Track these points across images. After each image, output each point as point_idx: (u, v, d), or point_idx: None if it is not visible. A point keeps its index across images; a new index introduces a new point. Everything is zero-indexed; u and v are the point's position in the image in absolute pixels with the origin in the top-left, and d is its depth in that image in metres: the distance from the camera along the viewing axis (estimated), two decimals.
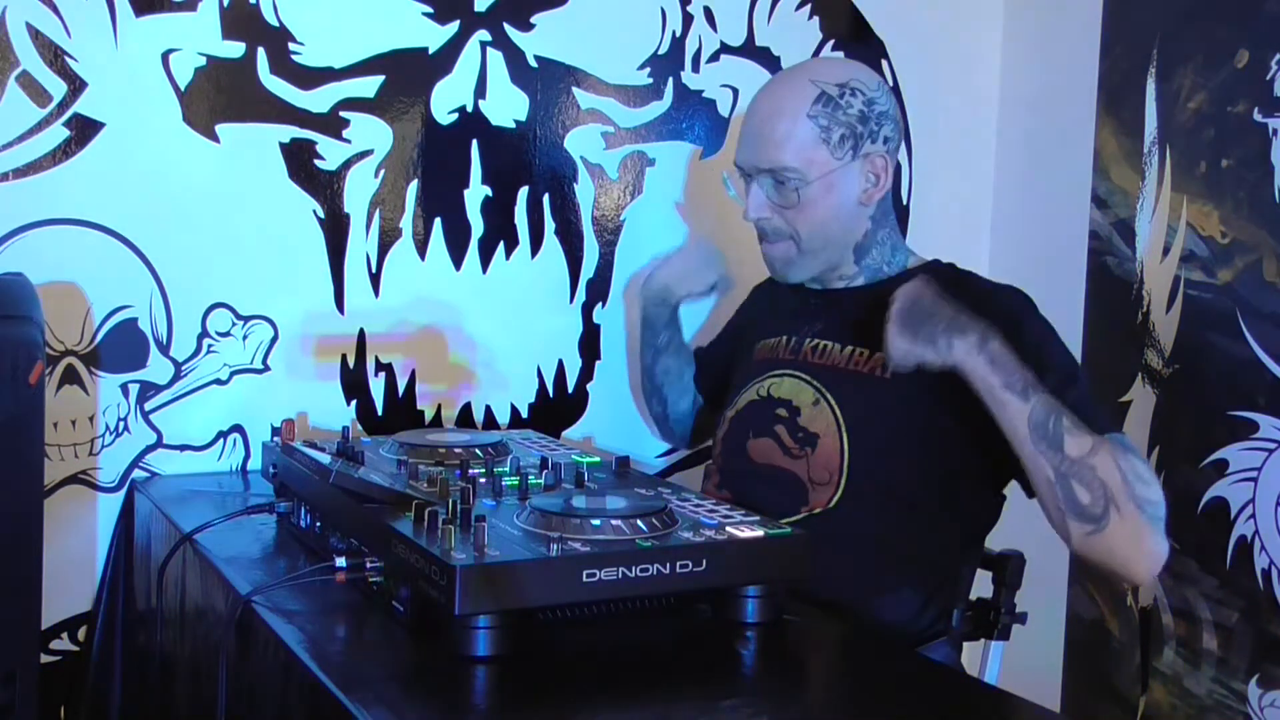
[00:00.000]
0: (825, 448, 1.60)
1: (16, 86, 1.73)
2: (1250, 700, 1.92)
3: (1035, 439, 1.40)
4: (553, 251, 2.08)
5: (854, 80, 1.63)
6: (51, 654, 1.84)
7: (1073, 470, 1.39)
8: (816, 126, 1.60)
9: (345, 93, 1.91)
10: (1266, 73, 1.89)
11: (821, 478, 1.59)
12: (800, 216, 1.63)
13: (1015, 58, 2.41)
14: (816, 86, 1.61)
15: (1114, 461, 1.38)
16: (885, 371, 1.54)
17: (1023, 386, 1.40)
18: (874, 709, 1.17)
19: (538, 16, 2.02)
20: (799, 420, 1.63)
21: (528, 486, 1.42)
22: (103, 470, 1.84)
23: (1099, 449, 1.39)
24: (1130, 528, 1.38)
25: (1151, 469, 1.43)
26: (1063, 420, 1.39)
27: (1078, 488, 1.39)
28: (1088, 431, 1.39)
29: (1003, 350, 1.42)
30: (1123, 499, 1.38)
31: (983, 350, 1.42)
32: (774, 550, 1.28)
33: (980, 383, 1.42)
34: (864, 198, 1.64)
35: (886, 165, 1.64)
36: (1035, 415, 1.39)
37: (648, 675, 1.19)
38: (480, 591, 1.13)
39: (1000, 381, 1.41)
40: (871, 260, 1.69)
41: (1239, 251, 1.94)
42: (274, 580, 1.37)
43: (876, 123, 1.62)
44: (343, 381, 1.97)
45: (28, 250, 1.75)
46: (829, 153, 1.61)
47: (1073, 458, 1.39)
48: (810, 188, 1.61)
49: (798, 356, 1.69)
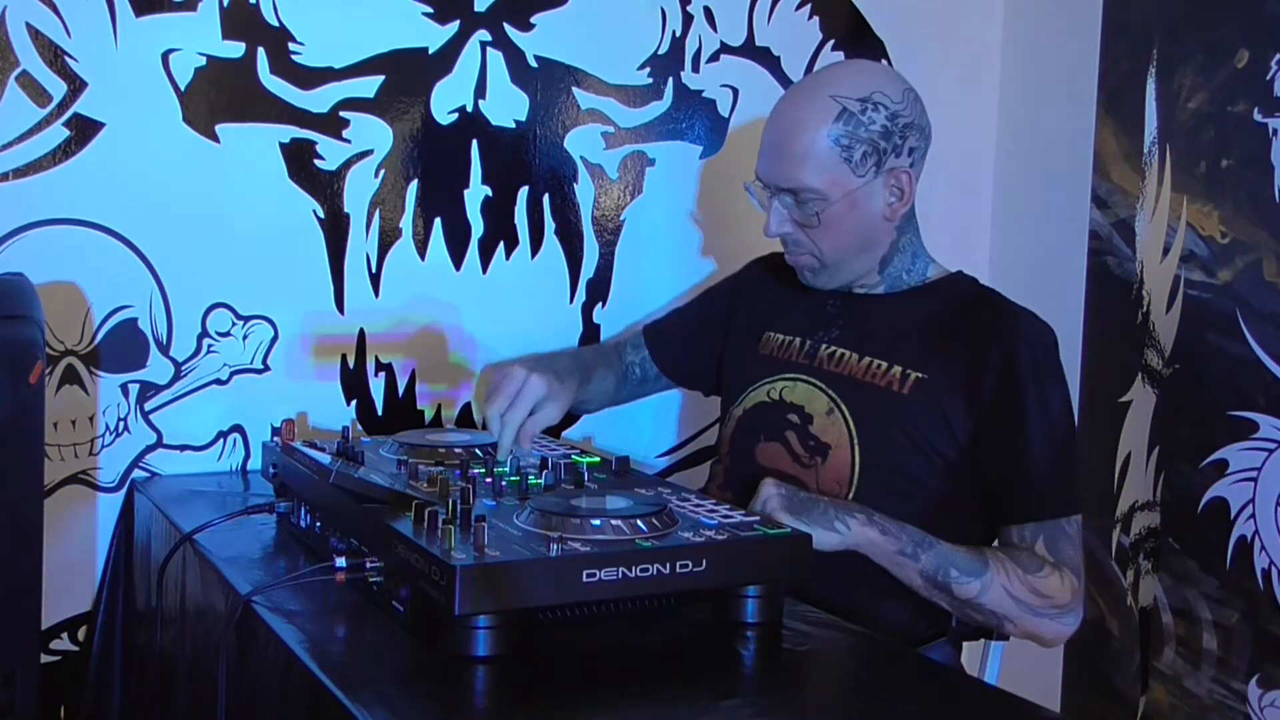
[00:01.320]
0: (836, 459, 1.59)
1: (16, 86, 1.73)
2: (1250, 700, 1.92)
3: (928, 589, 1.51)
4: (553, 251, 2.08)
5: (876, 93, 1.57)
6: (51, 654, 1.84)
7: (965, 609, 1.52)
8: (837, 146, 1.56)
9: (345, 93, 1.91)
10: (1266, 73, 1.89)
11: (831, 488, 1.59)
12: (822, 235, 1.60)
13: (1015, 58, 2.41)
14: (837, 103, 1.56)
15: (1004, 594, 1.49)
16: (903, 387, 1.55)
17: (913, 548, 1.49)
18: (874, 709, 1.17)
19: (538, 16, 2.02)
20: (811, 429, 1.62)
21: (528, 486, 1.42)
22: (103, 470, 1.84)
23: (989, 587, 1.49)
24: (1028, 630, 1.53)
25: (1065, 570, 1.53)
26: (950, 571, 1.49)
27: (975, 616, 1.53)
28: (976, 573, 1.49)
29: (885, 519, 1.50)
30: (1017, 618, 1.51)
31: (872, 523, 1.49)
32: (774, 550, 1.28)
33: (878, 554, 1.50)
34: (888, 213, 1.60)
35: (911, 179, 1.60)
36: (926, 570, 1.50)
37: (648, 675, 1.19)
38: (480, 591, 1.13)
39: (895, 548, 1.50)
40: (893, 269, 1.66)
41: (1239, 251, 1.94)
42: (274, 580, 1.37)
43: (900, 136, 1.58)
44: (343, 381, 1.97)
45: (28, 250, 1.75)
46: (850, 171, 1.57)
47: (964, 599, 1.50)
48: (832, 208, 1.58)
49: (812, 362, 1.67)
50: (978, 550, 1.52)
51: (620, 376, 1.91)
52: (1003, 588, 1.49)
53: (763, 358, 1.73)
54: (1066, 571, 1.52)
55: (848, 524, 1.48)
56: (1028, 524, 1.54)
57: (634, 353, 1.92)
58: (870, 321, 1.65)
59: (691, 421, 2.22)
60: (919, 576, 1.50)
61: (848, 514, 1.49)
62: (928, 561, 1.49)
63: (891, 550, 1.49)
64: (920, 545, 1.49)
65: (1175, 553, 2.04)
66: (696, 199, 2.17)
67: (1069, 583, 1.52)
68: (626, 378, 1.92)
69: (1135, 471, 2.13)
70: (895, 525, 1.50)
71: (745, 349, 1.77)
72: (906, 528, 1.50)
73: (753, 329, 1.78)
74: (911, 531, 1.50)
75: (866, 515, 1.49)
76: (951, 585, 1.49)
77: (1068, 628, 1.53)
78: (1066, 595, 1.51)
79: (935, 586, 1.50)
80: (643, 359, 1.92)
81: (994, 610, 1.50)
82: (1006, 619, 1.51)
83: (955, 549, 1.51)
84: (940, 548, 1.50)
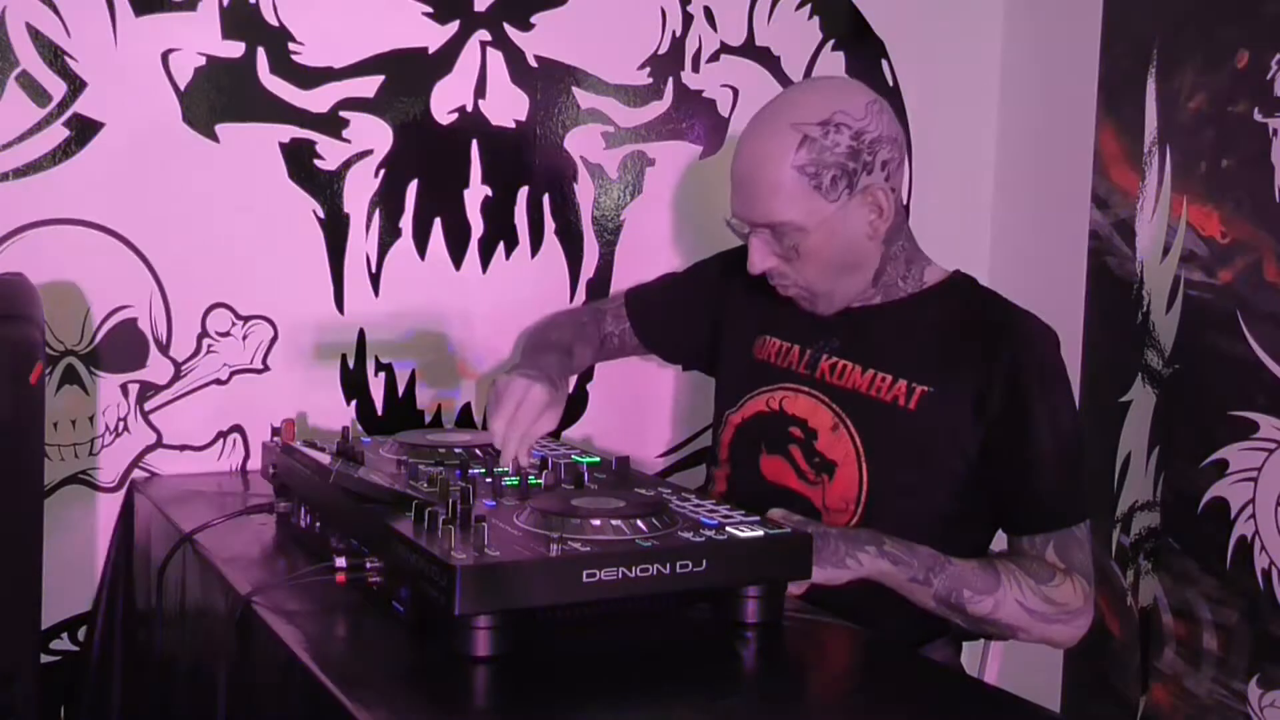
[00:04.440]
0: (844, 477, 1.58)
1: (16, 86, 1.73)
2: (1250, 700, 1.92)
3: (942, 610, 1.50)
4: (553, 251, 2.08)
5: (838, 113, 1.51)
6: (51, 654, 1.84)
7: (980, 625, 1.53)
8: (804, 175, 1.51)
9: (345, 92, 1.91)
10: (1266, 73, 1.89)
11: (838, 506, 1.58)
12: (805, 266, 1.57)
13: (1015, 58, 2.41)
14: (798, 131, 1.51)
15: (1018, 607, 1.50)
16: (909, 401, 1.55)
17: (925, 574, 1.48)
18: (874, 709, 1.17)
19: (538, 16, 2.02)
20: (816, 445, 1.60)
21: (528, 486, 1.42)
22: (103, 470, 1.84)
23: (1003, 603, 1.49)
24: (1042, 637, 1.53)
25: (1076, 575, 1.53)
26: (963, 592, 1.49)
27: (988, 630, 1.55)
28: (989, 589, 1.49)
29: (894, 546, 1.48)
30: (1031, 628, 1.51)
31: (883, 554, 1.48)
32: (774, 550, 1.28)
33: (890, 582, 1.49)
34: (870, 231, 1.56)
35: (888, 194, 1.55)
36: (939, 593, 1.49)
37: (648, 675, 1.19)
38: (480, 591, 1.13)
39: (906, 576, 1.48)
40: (887, 279, 1.62)
41: (1239, 251, 1.94)
42: (274, 580, 1.37)
43: (870, 152, 1.52)
44: (343, 381, 1.97)
45: (28, 250, 1.75)
46: (822, 198, 1.52)
47: (978, 617, 1.50)
48: (809, 238, 1.54)
49: (814, 373, 1.64)
50: (988, 564, 1.51)
51: (596, 347, 1.87)
52: (1016, 601, 1.49)
53: (760, 363, 1.71)
54: (1077, 576, 1.52)
55: (859, 559, 1.46)
56: (1038, 533, 1.55)
57: (615, 323, 1.88)
58: (871, 332, 1.63)
59: (691, 421, 2.22)
60: (932, 600, 1.49)
61: (859, 548, 1.46)
62: (940, 585, 1.48)
63: (904, 579, 1.48)
64: (932, 569, 1.48)
65: (1175, 553, 2.04)
66: (699, 200, 2.17)
67: (1080, 587, 1.52)
68: (603, 346, 1.88)
69: (1135, 471, 2.13)
70: (906, 550, 1.48)
71: (741, 350, 1.75)
72: (918, 551, 1.49)
73: (748, 329, 1.75)
74: (923, 555, 1.49)
75: (877, 546, 1.47)
76: (966, 605, 1.49)
77: (1080, 630, 1.53)
78: (1079, 600, 1.52)
79: (949, 608, 1.49)
80: (623, 330, 1.88)
81: (1009, 624, 1.50)
82: (1020, 629, 1.51)
83: (967, 567, 1.50)
84: (952, 568, 1.49)
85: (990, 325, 1.59)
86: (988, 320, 1.60)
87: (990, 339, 1.57)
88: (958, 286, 1.66)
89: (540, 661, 1.18)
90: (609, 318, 1.89)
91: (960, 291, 1.65)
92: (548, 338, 1.76)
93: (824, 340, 1.65)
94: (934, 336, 1.60)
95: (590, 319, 1.88)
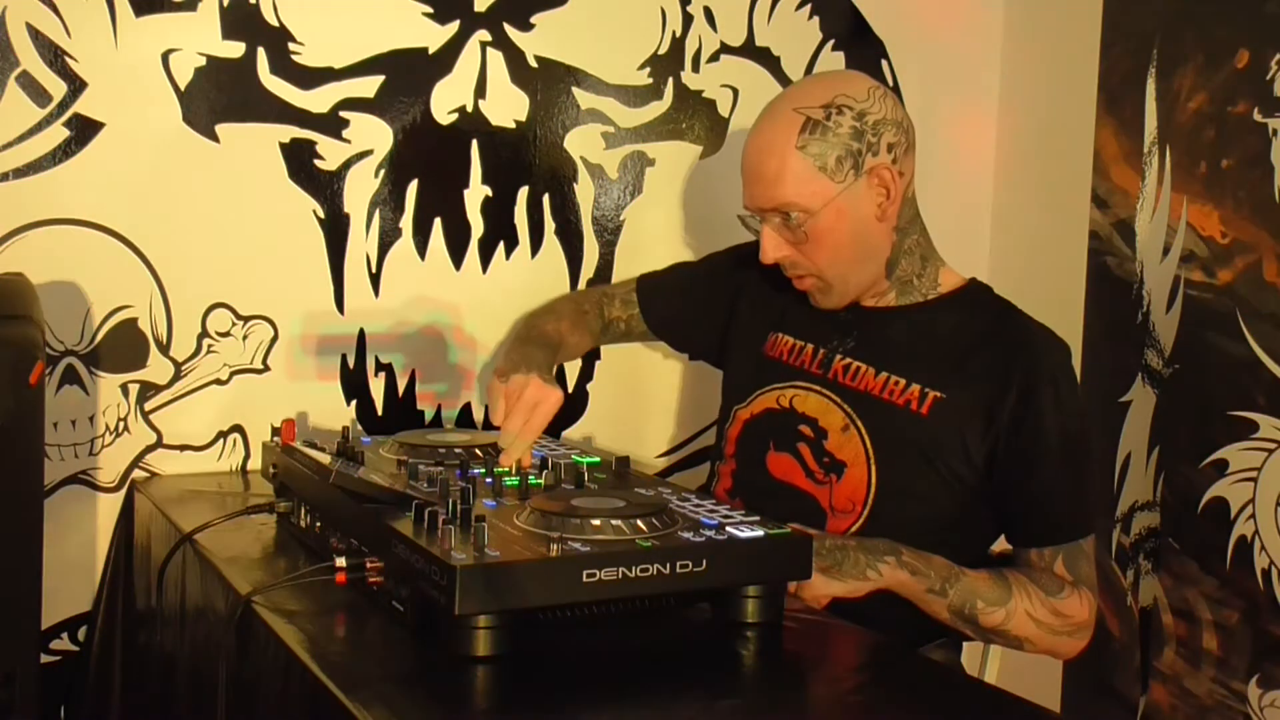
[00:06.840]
0: (852, 478, 1.58)
1: (16, 86, 1.73)
2: (1250, 700, 1.92)
3: (954, 621, 1.52)
4: (553, 251, 2.08)
5: (839, 97, 1.54)
6: (51, 654, 1.84)
7: (991, 636, 1.54)
8: (808, 156, 1.53)
9: (345, 93, 1.91)
10: (1266, 73, 1.89)
11: (844, 507, 1.58)
12: (816, 250, 1.57)
13: (1015, 58, 2.41)
14: (801, 114, 1.54)
15: (1027, 619, 1.51)
16: (921, 406, 1.55)
17: (940, 585, 1.50)
18: (874, 709, 1.17)
19: (538, 16, 2.02)
20: (825, 444, 1.60)
21: (528, 486, 1.42)
22: (103, 470, 1.84)
23: (1013, 614, 1.50)
24: (1047, 649, 1.55)
25: (1083, 588, 1.54)
26: (976, 603, 1.50)
27: (997, 641, 1.56)
28: (1001, 601, 1.50)
29: (912, 557, 1.50)
30: (1038, 639, 1.53)
31: (901, 565, 1.49)
32: (774, 550, 1.28)
33: (906, 593, 1.50)
34: (879, 213, 1.57)
35: (894, 175, 1.56)
36: (953, 605, 1.50)
37: (648, 675, 1.19)
38: (480, 591, 1.13)
39: (924, 587, 1.49)
40: (901, 272, 1.62)
41: (1239, 251, 1.94)
42: (274, 580, 1.37)
43: (873, 133, 1.54)
44: (343, 381, 1.97)
45: (28, 250, 1.75)
46: (828, 178, 1.53)
47: (989, 628, 1.51)
48: (818, 220, 1.55)
49: (826, 373, 1.64)
50: (999, 575, 1.52)
51: (596, 335, 1.87)
52: (1026, 613, 1.50)
53: (772, 360, 1.71)
54: (1084, 589, 1.53)
55: (880, 570, 1.47)
56: (1047, 546, 1.55)
57: (624, 309, 1.88)
58: (885, 334, 1.63)
59: (691, 421, 2.22)
60: (946, 611, 1.50)
61: (879, 559, 1.48)
62: (955, 596, 1.49)
63: (921, 590, 1.49)
64: (948, 580, 1.49)
65: (1175, 553, 2.04)
66: (699, 200, 2.17)
67: (1086, 601, 1.53)
68: (606, 333, 1.88)
69: (1135, 471, 2.13)
70: (923, 561, 1.49)
71: (751, 346, 1.75)
72: (933, 561, 1.50)
73: (759, 325, 1.75)
74: (938, 565, 1.50)
75: (896, 557, 1.48)
76: (978, 616, 1.50)
77: (1084, 642, 1.55)
78: (1085, 613, 1.53)
79: (961, 619, 1.50)
80: (631, 316, 1.88)
81: (1018, 635, 1.51)
82: (1028, 641, 1.52)
83: (979, 578, 1.51)
84: (965, 580, 1.50)
85: (1006, 337, 1.59)
86: (1004, 332, 1.60)
87: (1005, 352, 1.57)
88: (974, 294, 1.66)
89: (540, 661, 1.18)
90: (617, 302, 1.89)
91: (977, 300, 1.65)
92: (543, 328, 1.76)
93: (838, 340, 1.65)
94: (949, 343, 1.60)
95: (593, 306, 1.89)
